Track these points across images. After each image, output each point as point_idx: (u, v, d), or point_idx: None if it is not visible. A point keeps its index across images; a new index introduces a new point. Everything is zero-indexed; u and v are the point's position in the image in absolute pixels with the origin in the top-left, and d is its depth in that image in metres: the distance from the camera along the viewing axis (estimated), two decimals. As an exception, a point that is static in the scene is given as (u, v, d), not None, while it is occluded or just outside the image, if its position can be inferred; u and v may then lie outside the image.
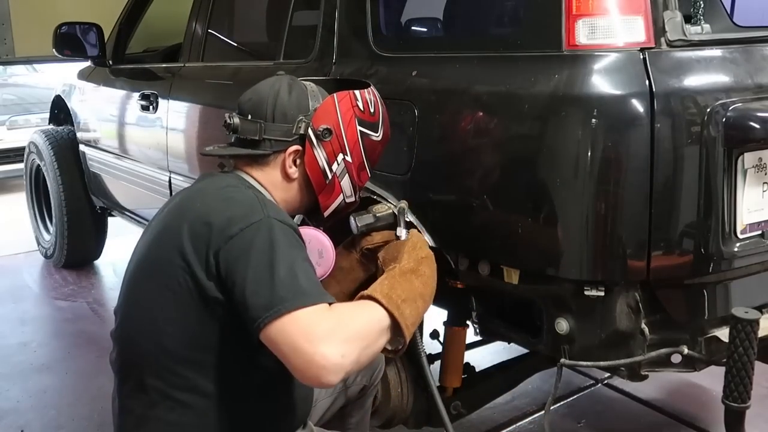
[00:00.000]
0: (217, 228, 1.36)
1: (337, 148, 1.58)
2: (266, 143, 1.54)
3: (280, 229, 1.36)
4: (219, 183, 1.52)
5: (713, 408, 2.65)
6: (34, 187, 4.69)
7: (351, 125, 1.59)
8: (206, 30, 3.01)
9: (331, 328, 1.28)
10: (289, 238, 1.37)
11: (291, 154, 1.55)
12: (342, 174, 1.61)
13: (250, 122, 1.55)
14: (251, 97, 1.59)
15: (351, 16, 2.16)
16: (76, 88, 4.24)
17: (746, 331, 1.47)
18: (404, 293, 1.45)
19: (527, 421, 2.70)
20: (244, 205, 1.40)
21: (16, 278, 4.42)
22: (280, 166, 1.56)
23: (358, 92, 1.62)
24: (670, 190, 1.56)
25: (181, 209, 1.46)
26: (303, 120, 1.55)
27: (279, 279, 1.29)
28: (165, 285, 1.39)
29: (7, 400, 2.90)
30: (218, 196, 1.45)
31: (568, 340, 1.67)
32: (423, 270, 1.55)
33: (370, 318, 1.39)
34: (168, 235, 1.43)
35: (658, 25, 1.59)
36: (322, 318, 1.29)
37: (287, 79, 1.61)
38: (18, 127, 6.82)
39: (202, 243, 1.36)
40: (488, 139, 1.73)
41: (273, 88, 1.57)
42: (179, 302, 1.38)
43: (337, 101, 1.58)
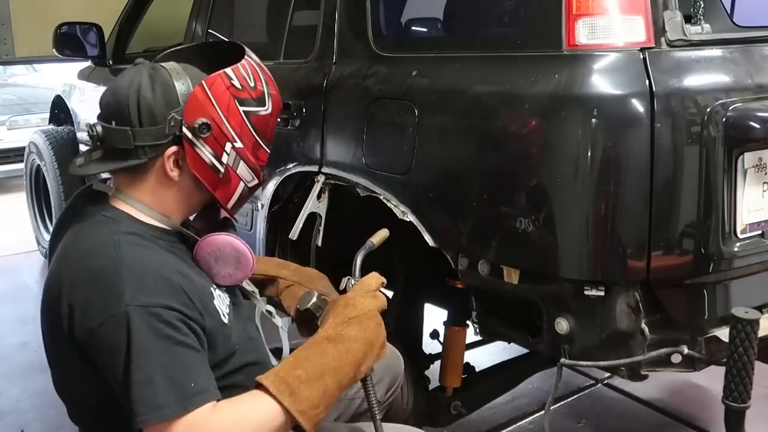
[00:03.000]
0: (80, 317, 1.25)
1: (221, 138, 1.39)
2: (139, 150, 1.35)
3: (139, 323, 1.21)
4: (81, 244, 1.33)
5: (713, 408, 2.64)
6: (34, 187, 4.69)
7: (232, 110, 1.40)
8: (206, 30, 3.01)
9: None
10: (154, 330, 1.22)
11: (169, 156, 1.37)
12: (236, 162, 1.44)
13: (116, 130, 1.35)
14: (110, 99, 1.38)
15: (351, 16, 2.16)
16: (76, 88, 4.25)
17: (746, 331, 1.47)
18: (308, 371, 1.28)
19: (527, 421, 2.70)
20: (103, 287, 1.25)
21: (16, 278, 4.42)
22: (159, 171, 1.38)
23: (231, 69, 1.41)
24: (670, 190, 1.56)
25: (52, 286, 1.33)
26: (174, 117, 1.35)
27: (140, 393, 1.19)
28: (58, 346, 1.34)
29: (7, 400, 2.90)
30: (78, 272, 1.29)
31: (568, 339, 1.67)
32: (347, 333, 1.34)
33: (259, 416, 1.25)
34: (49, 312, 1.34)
35: (658, 25, 1.59)
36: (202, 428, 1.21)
37: (146, 69, 1.39)
38: (18, 127, 6.81)
39: (69, 327, 1.27)
40: (488, 139, 1.73)
41: (132, 86, 1.35)
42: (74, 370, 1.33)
43: (208, 88, 1.37)
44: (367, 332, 1.36)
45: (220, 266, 1.45)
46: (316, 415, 1.27)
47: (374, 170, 1.97)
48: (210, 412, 1.23)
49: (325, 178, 2.14)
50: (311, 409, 1.26)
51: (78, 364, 1.30)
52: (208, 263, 1.44)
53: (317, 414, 1.27)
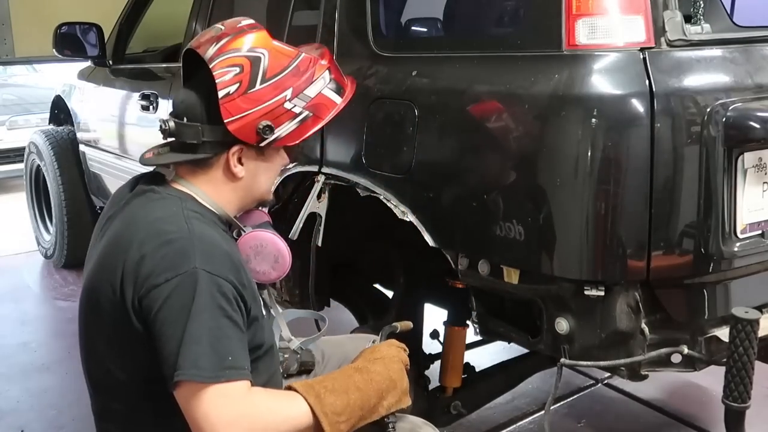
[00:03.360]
0: (144, 274, 1.30)
1: (280, 110, 1.46)
2: (206, 146, 1.44)
3: (205, 285, 1.28)
4: (151, 212, 1.40)
5: (713, 408, 2.65)
6: (34, 187, 4.69)
7: (257, 97, 1.43)
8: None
9: (236, 417, 1.25)
10: (214, 296, 1.28)
11: (234, 153, 1.46)
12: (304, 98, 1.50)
13: (186, 126, 1.44)
14: (185, 98, 1.48)
15: (351, 16, 2.16)
16: (76, 88, 4.25)
17: (746, 330, 1.47)
18: (333, 384, 1.39)
19: (527, 421, 2.70)
20: (174, 250, 1.31)
21: (16, 278, 4.42)
22: (223, 167, 1.47)
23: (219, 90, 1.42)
24: (670, 190, 1.56)
25: (115, 245, 1.38)
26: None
27: (191, 348, 1.24)
28: (106, 317, 1.37)
29: (7, 400, 2.90)
30: (150, 233, 1.35)
31: (568, 339, 1.67)
32: (371, 368, 1.46)
33: (285, 411, 1.33)
34: (104, 270, 1.38)
35: (658, 25, 1.59)
36: (232, 401, 1.25)
37: None
38: (18, 127, 6.81)
39: (130, 286, 1.31)
40: (488, 139, 1.73)
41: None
42: (120, 336, 1.36)
43: (232, 115, 1.42)
44: (390, 371, 1.48)
45: (258, 262, 1.53)
46: (338, 422, 1.35)
47: (374, 170, 1.97)
48: (245, 390, 1.28)
49: (325, 178, 2.14)
50: (333, 414, 1.35)
51: (130, 325, 1.32)
52: (248, 256, 1.52)
53: (339, 422, 1.35)
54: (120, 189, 1.55)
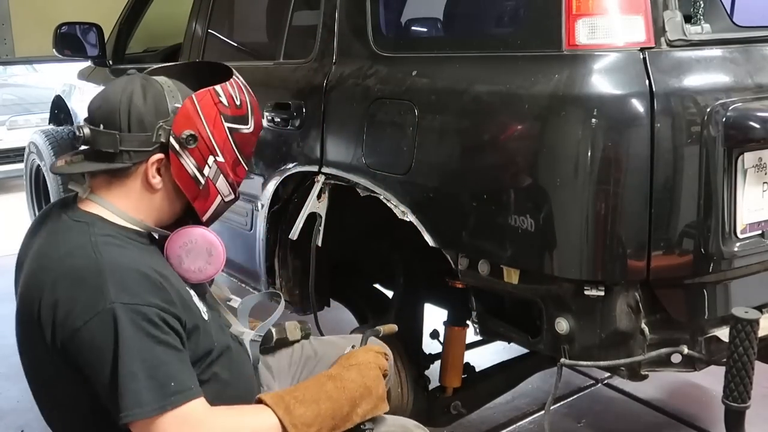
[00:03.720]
0: (60, 318, 1.27)
1: (205, 151, 1.44)
2: (124, 155, 1.38)
3: (126, 319, 1.24)
4: (59, 247, 1.35)
5: (713, 408, 2.65)
6: (34, 187, 4.68)
7: (217, 125, 1.45)
8: (206, 30, 3.01)
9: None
10: (138, 328, 1.25)
11: (153, 164, 1.40)
12: (216, 176, 1.48)
13: (103, 133, 1.38)
14: (101, 104, 1.42)
15: (351, 16, 2.16)
16: (76, 88, 4.25)
17: (746, 331, 1.47)
18: (304, 394, 1.39)
19: (527, 421, 2.70)
20: (87, 287, 1.27)
21: (16, 278, 4.41)
22: (141, 177, 1.41)
23: (219, 87, 1.47)
24: (670, 190, 1.56)
25: (31, 287, 1.35)
26: (163, 126, 1.40)
27: (127, 388, 1.22)
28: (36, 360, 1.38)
29: (7, 400, 2.90)
30: (60, 273, 1.30)
31: (568, 339, 1.67)
32: (345, 375, 1.47)
33: (251, 425, 1.33)
34: (24, 313, 1.36)
35: (658, 25, 1.59)
36: (191, 425, 1.25)
37: (139, 80, 1.44)
38: (18, 127, 6.82)
39: (48, 330, 1.29)
40: (488, 139, 1.73)
41: (125, 93, 1.40)
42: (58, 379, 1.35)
43: (197, 102, 1.42)
44: (365, 378, 1.49)
45: (191, 260, 1.46)
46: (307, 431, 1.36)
47: (374, 170, 1.97)
48: (202, 410, 1.27)
49: (325, 178, 2.14)
50: (303, 425, 1.35)
51: (59, 369, 1.31)
52: (180, 258, 1.46)
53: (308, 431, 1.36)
54: (34, 221, 1.52)
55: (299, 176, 2.27)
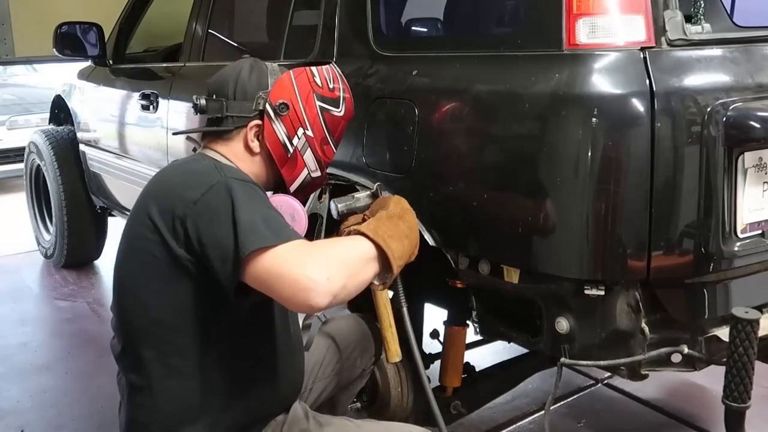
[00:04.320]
0: (179, 197, 1.42)
1: (296, 122, 1.62)
2: (229, 120, 1.60)
3: (239, 186, 1.42)
4: (180, 161, 1.61)
5: (713, 408, 2.64)
6: (34, 187, 4.69)
7: (309, 100, 1.64)
8: (206, 30, 3.01)
9: (314, 254, 1.35)
10: (249, 192, 1.42)
11: (252, 128, 1.60)
12: (304, 148, 1.65)
13: (214, 101, 1.61)
14: (216, 78, 1.65)
15: (351, 16, 2.16)
16: (76, 88, 4.24)
17: (746, 330, 1.47)
18: (390, 231, 1.50)
19: (527, 421, 2.70)
20: (201, 173, 1.47)
21: (16, 278, 4.42)
22: (242, 140, 1.61)
23: (315, 68, 1.68)
24: (670, 190, 1.56)
25: (148, 190, 1.53)
26: (262, 96, 1.60)
27: (248, 227, 1.34)
28: (142, 261, 1.46)
29: (7, 400, 2.90)
30: (179, 171, 1.53)
31: (568, 339, 1.67)
32: (408, 218, 1.59)
33: (355, 248, 1.44)
34: (138, 215, 1.49)
35: (658, 25, 1.60)
36: (304, 247, 1.36)
37: (250, 60, 1.67)
38: (18, 127, 6.81)
39: (168, 214, 1.41)
40: (488, 139, 1.73)
41: (235, 69, 1.64)
42: (157, 275, 1.45)
43: (293, 76, 1.63)
44: (416, 223, 1.62)
45: None
46: (399, 266, 1.50)
47: (374, 170, 1.97)
48: (309, 243, 1.41)
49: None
50: (398, 258, 1.49)
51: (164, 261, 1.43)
52: None
53: (399, 266, 1.50)
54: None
55: (299, 176, 2.27)
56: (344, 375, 1.94)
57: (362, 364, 1.96)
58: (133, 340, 1.53)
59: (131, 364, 1.54)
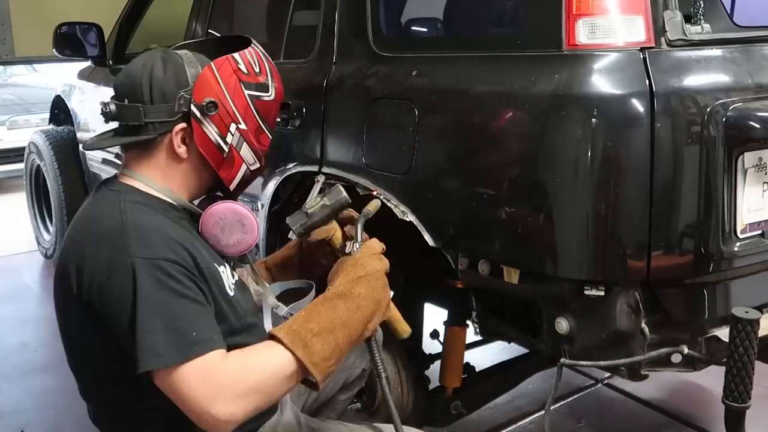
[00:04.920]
0: (86, 279, 1.31)
1: (227, 118, 1.47)
2: (149, 127, 1.43)
3: (145, 273, 1.26)
4: (90, 213, 1.42)
5: (713, 408, 2.65)
6: (34, 187, 4.69)
7: (237, 91, 1.48)
8: (206, 30, 3.01)
9: (216, 389, 1.23)
10: (157, 281, 1.27)
11: (177, 133, 1.44)
12: (239, 143, 1.51)
13: (128, 107, 1.43)
14: (124, 80, 1.46)
15: (351, 16, 2.16)
16: (76, 88, 4.25)
17: (746, 330, 1.47)
18: (319, 324, 1.33)
19: (527, 421, 2.70)
20: (110, 245, 1.31)
21: (16, 278, 4.42)
22: (166, 148, 1.45)
23: (238, 54, 1.50)
24: (670, 190, 1.56)
25: (65, 252, 1.40)
26: (183, 95, 1.43)
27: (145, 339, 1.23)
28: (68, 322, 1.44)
29: (7, 400, 2.90)
30: (87, 236, 1.36)
31: (568, 339, 1.67)
32: (357, 291, 1.39)
33: (271, 365, 1.29)
34: (60, 278, 1.40)
35: (658, 25, 1.59)
36: (209, 375, 1.23)
37: (160, 53, 1.48)
38: (18, 127, 6.82)
39: (77, 290, 1.33)
40: (488, 139, 1.73)
41: (146, 67, 1.44)
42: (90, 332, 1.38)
43: (216, 69, 1.46)
44: (374, 291, 1.41)
45: (227, 235, 1.49)
46: (328, 367, 1.33)
47: (374, 170, 1.97)
48: (220, 359, 1.27)
49: (325, 178, 2.13)
50: (323, 361, 1.32)
51: (88, 327, 1.35)
52: (216, 236, 1.49)
53: (329, 366, 1.33)
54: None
55: (299, 176, 2.27)
56: (344, 375, 1.93)
57: (362, 363, 1.95)
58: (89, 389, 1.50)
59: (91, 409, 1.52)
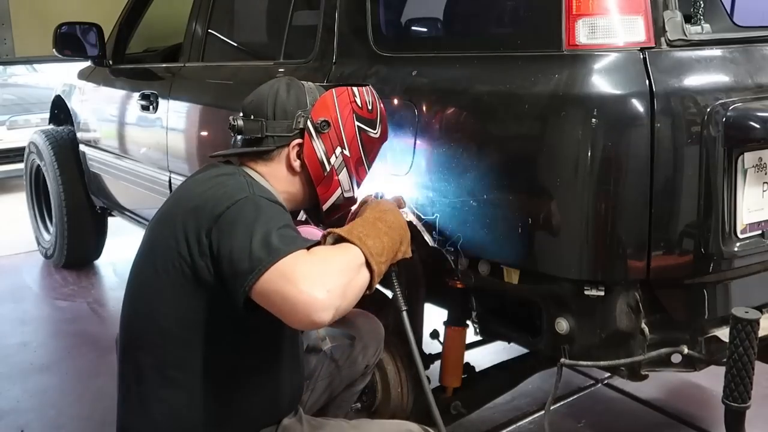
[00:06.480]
0: (206, 210, 1.42)
1: (335, 140, 1.64)
2: (269, 140, 1.61)
3: (264, 203, 1.43)
4: (214, 172, 1.57)
5: (713, 408, 2.64)
6: (34, 187, 4.68)
7: (349, 119, 1.66)
8: (206, 30, 3.01)
9: (310, 269, 1.33)
10: (271, 209, 1.43)
11: (294, 147, 1.62)
12: (340, 167, 1.66)
13: (252, 121, 1.61)
14: (252, 99, 1.66)
15: (351, 16, 2.16)
16: (76, 88, 4.24)
17: (746, 331, 1.47)
18: (367, 231, 1.49)
19: (527, 421, 2.70)
20: (231, 187, 1.47)
21: (16, 278, 4.41)
22: (284, 160, 1.62)
23: (356, 89, 1.70)
24: (670, 190, 1.56)
25: (177, 198, 1.54)
26: (302, 114, 1.62)
27: (257, 242, 1.34)
28: (161, 268, 1.47)
29: (7, 400, 2.90)
30: (210, 183, 1.50)
31: (568, 339, 1.67)
32: (386, 218, 1.57)
33: (345, 254, 1.43)
34: (165, 222, 1.50)
35: (658, 25, 1.60)
36: (300, 262, 1.34)
37: (286, 79, 1.68)
38: (18, 127, 6.80)
39: (193, 226, 1.42)
40: (488, 139, 1.73)
41: (272, 88, 1.64)
42: (173, 283, 1.45)
43: (335, 95, 1.65)
44: (399, 219, 1.61)
45: None
46: (380, 262, 1.47)
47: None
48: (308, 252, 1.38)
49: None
50: (378, 255, 1.47)
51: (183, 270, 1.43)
52: None
53: (381, 262, 1.47)
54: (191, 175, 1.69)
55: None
56: (348, 372, 1.93)
57: (366, 360, 1.95)
58: (135, 345, 1.53)
59: (129, 368, 1.54)
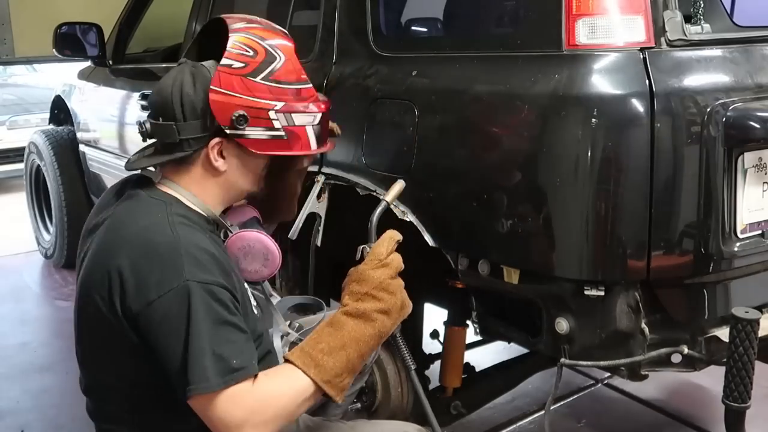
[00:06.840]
0: (135, 288, 1.31)
1: (261, 113, 1.43)
2: (184, 143, 1.43)
3: (199, 296, 1.29)
4: (137, 220, 1.39)
5: (713, 408, 2.64)
6: (34, 187, 4.69)
7: (250, 87, 1.42)
8: (206, 30, 3.01)
9: (246, 416, 1.28)
10: (209, 307, 1.29)
11: (213, 147, 1.44)
12: (288, 118, 1.46)
13: (162, 125, 1.43)
14: (156, 98, 1.46)
15: (351, 16, 2.16)
16: (76, 88, 4.24)
17: (746, 330, 1.47)
18: (329, 343, 1.38)
19: (527, 421, 2.70)
20: (163, 262, 1.31)
21: (16, 278, 4.42)
22: (203, 162, 1.45)
23: (225, 59, 1.42)
24: (670, 190, 1.56)
25: (103, 254, 1.38)
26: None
27: (196, 363, 1.26)
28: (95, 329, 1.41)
29: (7, 400, 2.90)
30: (136, 243, 1.35)
31: (568, 339, 1.67)
32: (362, 308, 1.42)
33: (290, 389, 1.35)
34: (93, 282, 1.38)
35: (658, 25, 1.60)
36: (241, 401, 1.29)
37: (188, 68, 1.45)
38: (18, 127, 6.81)
39: (118, 297, 1.33)
40: (488, 139, 1.73)
41: (176, 83, 1.43)
42: (108, 343, 1.39)
43: (220, 85, 1.41)
44: (382, 303, 1.44)
45: (248, 262, 1.54)
46: (341, 382, 1.38)
47: (374, 170, 1.97)
48: (251, 386, 1.31)
49: (324, 178, 2.13)
50: (335, 377, 1.37)
51: (118, 334, 1.34)
52: (237, 258, 1.53)
53: (341, 382, 1.38)
54: (107, 193, 1.56)
55: (299, 176, 2.27)
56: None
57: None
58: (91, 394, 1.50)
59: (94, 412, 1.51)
